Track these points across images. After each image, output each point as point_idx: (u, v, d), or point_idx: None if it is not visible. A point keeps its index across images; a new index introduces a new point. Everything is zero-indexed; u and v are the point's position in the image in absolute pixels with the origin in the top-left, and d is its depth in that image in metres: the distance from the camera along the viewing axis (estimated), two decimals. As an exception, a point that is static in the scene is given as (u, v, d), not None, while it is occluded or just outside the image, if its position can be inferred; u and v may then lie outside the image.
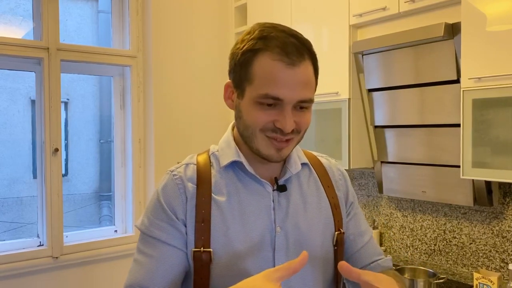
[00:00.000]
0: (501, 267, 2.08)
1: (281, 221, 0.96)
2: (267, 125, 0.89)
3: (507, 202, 2.07)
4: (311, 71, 0.91)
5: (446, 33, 1.90)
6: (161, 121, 2.96)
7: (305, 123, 0.93)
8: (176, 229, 0.94)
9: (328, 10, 2.43)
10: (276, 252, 0.94)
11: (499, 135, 1.75)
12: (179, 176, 0.98)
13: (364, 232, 1.08)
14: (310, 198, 1.01)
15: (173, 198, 0.95)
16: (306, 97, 0.89)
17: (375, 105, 2.33)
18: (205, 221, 0.92)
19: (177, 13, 3.03)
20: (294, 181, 1.00)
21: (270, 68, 0.87)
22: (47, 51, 2.60)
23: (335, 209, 1.02)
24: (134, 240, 2.99)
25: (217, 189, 0.96)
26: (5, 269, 2.48)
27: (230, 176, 0.98)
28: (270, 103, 0.88)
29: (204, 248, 0.91)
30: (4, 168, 5.09)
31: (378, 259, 1.08)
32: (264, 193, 0.97)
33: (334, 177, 1.06)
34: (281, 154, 0.93)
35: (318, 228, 0.99)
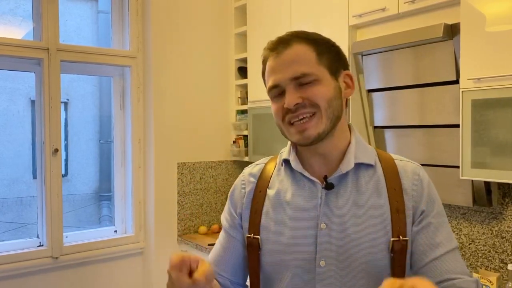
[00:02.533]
0: (500, 267, 2.08)
1: (327, 218, 0.97)
2: (283, 111, 0.97)
3: (506, 203, 2.07)
4: (303, 49, 0.98)
5: (446, 33, 1.90)
6: (161, 121, 2.96)
7: (317, 95, 0.95)
8: (234, 223, 1.09)
9: (328, 11, 2.43)
10: (318, 248, 0.96)
11: (498, 135, 1.75)
12: (244, 174, 1.13)
13: (439, 245, 0.97)
14: (366, 199, 0.98)
15: (236, 195, 1.11)
16: (297, 73, 0.95)
17: (374, 105, 2.33)
18: (257, 212, 1.04)
19: (177, 13, 3.03)
20: (351, 180, 1.00)
21: (269, 65, 1.00)
22: (47, 51, 2.61)
23: (396, 214, 0.97)
24: (134, 240, 3.00)
25: (273, 184, 1.06)
26: (5, 270, 2.49)
27: (286, 173, 1.06)
28: (275, 94, 0.99)
29: (254, 235, 1.03)
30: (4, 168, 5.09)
31: (455, 278, 0.94)
32: (312, 190, 1.00)
33: (407, 181, 1.00)
34: (306, 135, 0.96)
35: (368, 230, 0.96)
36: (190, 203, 3.10)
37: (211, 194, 3.21)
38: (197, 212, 3.15)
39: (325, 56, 0.99)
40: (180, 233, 3.06)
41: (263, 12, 2.89)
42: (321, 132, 0.96)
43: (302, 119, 0.95)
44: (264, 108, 2.82)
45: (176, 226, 3.05)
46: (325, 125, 0.96)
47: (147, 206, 3.01)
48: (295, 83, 0.96)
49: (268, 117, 2.81)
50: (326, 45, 1.02)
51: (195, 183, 3.12)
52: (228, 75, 3.28)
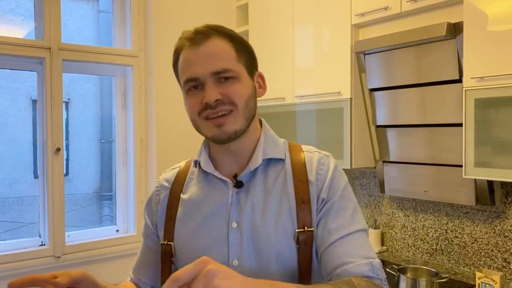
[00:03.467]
0: (503, 266, 2.08)
1: (237, 217, 0.97)
2: (200, 106, 0.95)
3: (509, 202, 2.07)
4: (223, 45, 0.95)
5: (448, 32, 1.89)
6: (163, 120, 2.96)
7: (236, 94, 0.94)
8: (148, 232, 1.10)
9: (330, 10, 2.43)
10: (230, 247, 0.96)
11: (501, 134, 1.75)
12: (159, 180, 1.11)
13: (336, 229, 0.93)
14: (274, 193, 0.98)
15: (152, 202, 1.10)
16: (219, 68, 0.93)
17: (377, 104, 2.33)
18: (172, 218, 1.03)
19: (178, 12, 3.03)
20: (259, 177, 1.00)
21: (185, 56, 0.96)
22: (48, 50, 2.60)
23: (301, 205, 0.96)
24: (136, 240, 2.99)
25: (186, 188, 1.05)
26: (6, 269, 2.48)
27: (199, 175, 1.05)
28: (193, 86, 0.96)
29: (168, 242, 1.03)
30: (5, 167, 5.09)
31: (348, 262, 0.89)
32: (224, 190, 1.00)
33: (311, 171, 0.99)
34: (224, 130, 0.94)
35: (276, 225, 0.95)
36: (191, 202, 3.10)
37: (212, 194, 3.21)
38: (199, 211, 3.14)
39: (243, 54, 0.98)
40: (182, 232, 3.05)
41: (265, 11, 2.89)
42: (238, 129, 0.95)
43: (221, 116, 0.94)
44: (265, 107, 2.82)
45: (178, 226, 3.04)
46: (241, 124, 0.96)
47: (148, 205, 3.01)
48: (215, 78, 0.93)
49: (269, 116, 2.81)
50: (243, 43, 1.00)
51: (196, 183, 3.12)
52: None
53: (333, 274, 0.91)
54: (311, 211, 0.96)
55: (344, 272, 0.88)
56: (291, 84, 2.64)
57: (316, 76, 2.50)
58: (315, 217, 0.97)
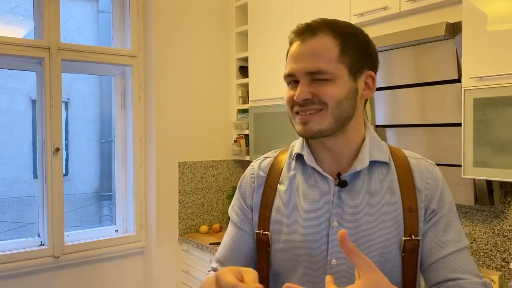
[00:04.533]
0: (502, 266, 2.08)
1: (339, 216, 0.96)
2: (291, 102, 0.97)
3: (508, 202, 2.07)
4: (327, 43, 0.93)
5: (447, 32, 1.89)
6: (162, 120, 2.96)
7: (327, 94, 0.92)
8: (245, 216, 1.06)
9: (329, 10, 2.43)
10: (330, 246, 0.95)
11: (500, 134, 1.75)
12: (254, 167, 1.09)
13: (447, 244, 0.95)
14: (379, 197, 0.97)
15: (246, 187, 1.08)
16: (312, 68, 0.92)
17: (376, 104, 2.33)
18: (268, 207, 1.02)
19: (178, 12, 3.03)
20: (364, 178, 0.98)
21: (290, 50, 0.98)
22: (48, 50, 2.60)
23: (408, 213, 0.95)
24: (135, 240, 3.00)
25: (284, 180, 1.04)
26: (6, 269, 2.49)
27: (298, 168, 1.03)
28: (291, 81, 0.97)
29: (264, 231, 1.01)
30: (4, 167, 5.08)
31: (461, 278, 0.93)
32: (325, 187, 0.99)
33: (420, 179, 0.99)
34: (308, 128, 0.95)
35: (380, 229, 0.94)
36: (191, 202, 3.10)
37: (212, 193, 3.21)
38: (198, 211, 3.14)
39: (349, 53, 0.95)
40: (181, 232, 3.05)
41: (264, 11, 2.89)
42: (323, 129, 0.94)
43: (308, 114, 0.94)
44: (265, 107, 2.82)
45: (177, 225, 3.05)
46: (329, 124, 0.94)
47: (148, 205, 3.01)
48: (309, 77, 0.93)
49: (269, 116, 2.81)
50: (355, 40, 0.96)
51: (196, 182, 3.12)
52: (229, 74, 3.28)
53: (443, 285, 0.94)
54: (418, 220, 0.96)
55: (457, 286, 0.92)
56: (290, 84, 2.64)
57: (315, 76, 2.49)
58: (422, 227, 0.96)
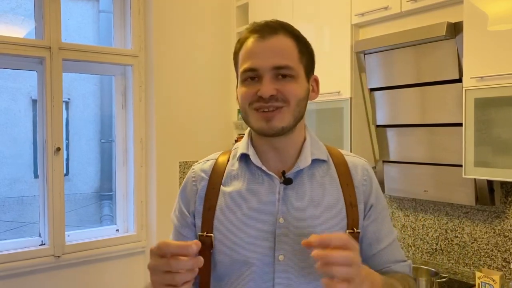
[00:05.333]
0: (503, 266, 2.08)
1: (285, 213, 0.98)
2: (253, 98, 0.96)
3: (509, 202, 2.07)
4: (288, 43, 0.98)
5: (448, 32, 1.90)
6: (163, 120, 2.96)
7: (290, 92, 0.96)
8: (185, 221, 1.06)
9: (330, 10, 2.43)
10: (276, 243, 0.97)
11: (501, 134, 1.75)
12: (195, 170, 1.09)
13: (383, 238, 1.05)
14: (322, 194, 1.01)
15: (187, 192, 1.07)
16: (280, 63, 0.95)
17: (377, 104, 2.33)
18: (211, 209, 1.02)
19: (178, 12, 3.03)
20: (306, 176, 1.02)
21: (249, 46, 0.98)
22: (49, 50, 2.60)
23: (350, 208, 1.01)
24: (136, 239, 3.00)
25: (227, 181, 1.04)
26: (6, 268, 2.48)
27: (242, 168, 1.04)
28: (251, 77, 0.96)
29: (207, 233, 1.01)
30: (5, 167, 5.09)
31: (392, 264, 1.06)
32: (270, 185, 1.00)
33: (357, 176, 1.05)
34: (271, 125, 0.95)
35: (325, 224, 0.98)
36: (191, 202, 3.10)
37: (212, 193, 3.21)
38: (199, 211, 3.14)
39: (305, 55, 1.00)
40: (182, 232, 3.05)
41: (265, 11, 2.89)
42: (285, 126, 0.97)
43: (271, 110, 0.95)
44: (266, 107, 2.82)
45: (178, 225, 3.04)
46: (289, 122, 0.97)
47: (148, 205, 3.01)
48: (274, 73, 0.95)
49: (270, 116, 2.81)
50: (306, 45, 1.02)
51: (196, 182, 3.11)
52: (229, 74, 3.28)
53: (379, 271, 0.99)
54: (358, 214, 1.02)
55: (390, 270, 1.05)
56: (291, 84, 2.64)
57: (316, 76, 2.49)
58: (361, 220, 1.03)
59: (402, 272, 1.05)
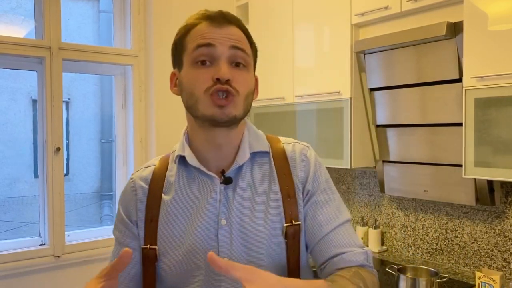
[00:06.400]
0: (503, 266, 2.08)
1: (226, 214, 0.94)
2: (208, 83, 0.89)
3: (509, 202, 2.07)
4: (242, 35, 0.95)
5: (448, 32, 1.89)
6: (163, 120, 2.96)
7: (244, 83, 0.92)
8: (130, 231, 1.00)
9: (330, 9, 2.43)
10: (219, 245, 0.93)
11: (502, 134, 1.75)
12: (134, 179, 1.02)
13: (326, 222, 0.96)
14: (260, 189, 0.96)
15: (128, 201, 1.01)
16: (239, 45, 0.92)
17: (377, 104, 2.33)
18: (153, 220, 0.96)
19: (178, 12, 3.03)
20: (246, 172, 0.97)
21: (199, 30, 0.93)
22: (49, 50, 2.60)
23: (287, 199, 0.96)
24: (136, 240, 2.99)
25: (167, 188, 0.98)
26: (6, 268, 2.48)
27: (181, 171, 0.99)
28: (205, 59, 0.90)
29: (151, 245, 0.95)
30: (5, 167, 5.09)
31: (344, 252, 0.94)
32: (210, 186, 0.96)
33: (294, 164, 0.99)
34: (225, 111, 0.89)
35: (265, 220, 0.94)
36: (191, 202, 3.10)
37: (212, 193, 3.21)
38: (199, 211, 3.14)
39: (253, 50, 0.99)
40: (182, 232, 3.05)
41: (265, 11, 2.89)
42: (237, 115, 0.92)
43: (225, 97, 0.90)
44: (266, 107, 2.82)
45: (178, 225, 3.04)
46: (240, 112, 0.92)
47: (148, 205, 3.01)
48: (230, 59, 0.91)
49: (269, 116, 2.81)
50: (253, 42, 1.00)
51: (196, 182, 3.12)
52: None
53: (329, 262, 0.95)
54: (297, 204, 0.97)
55: (341, 260, 0.93)
56: (291, 84, 2.64)
57: (316, 76, 2.50)
58: (302, 210, 0.97)
59: (356, 263, 0.94)
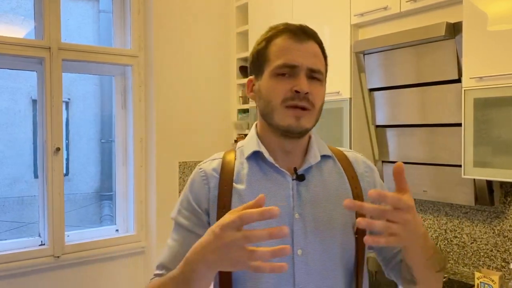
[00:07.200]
0: (502, 266, 2.08)
1: (300, 208, 1.00)
2: (286, 94, 0.97)
3: (508, 202, 2.07)
4: (319, 50, 1.03)
5: (448, 32, 1.90)
6: (163, 120, 2.96)
7: (319, 96, 1.00)
8: (199, 218, 1.03)
9: (330, 10, 2.43)
10: (294, 237, 0.98)
11: (501, 134, 1.75)
12: (203, 169, 1.07)
13: None
14: (332, 187, 1.05)
15: (198, 189, 1.05)
16: (316, 66, 1.00)
17: (376, 104, 2.33)
18: (226, 207, 0.99)
19: (178, 12, 3.03)
20: (316, 171, 1.05)
21: (283, 44, 1.00)
22: (48, 50, 2.61)
23: (357, 198, 1.04)
24: (135, 240, 3.00)
25: (239, 179, 1.04)
26: (6, 268, 2.49)
27: (253, 166, 1.05)
28: (285, 72, 0.98)
29: None
30: (5, 167, 5.09)
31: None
32: (283, 182, 1.02)
33: (359, 169, 1.10)
34: (300, 123, 0.98)
35: (338, 215, 1.02)
36: (191, 202, 3.10)
37: (212, 193, 3.21)
38: (199, 211, 3.14)
39: (326, 67, 1.07)
40: (182, 232, 3.05)
41: (265, 11, 2.89)
42: (309, 128, 1.01)
43: (302, 109, 0.98)
44: (266, 107, 2.82)
45: (178, 225, 3.04)
46: (312, 125, 1.02)
47: (148, 205, 3.01)
48: (308, 74, 0.99)
49: (269, 116, 2.81)
50: (326, 56, 1.08)
51: (196, 182, 3.12)
52: (229, 74, 3.28)
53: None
54: None
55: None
56: (290, 84, 2.64)
57: (315, 76, 2.49)
58: None
59: None
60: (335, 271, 1.00)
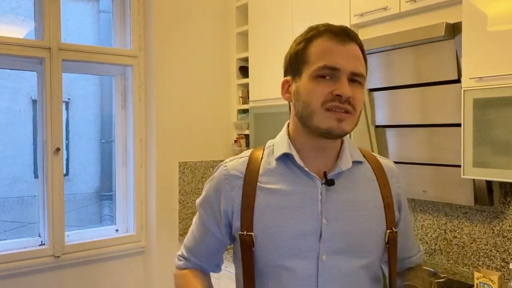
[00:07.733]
0: (501, 266, 2.08)
1: (328, 213, 0.99)
2: (327, 97, 0.94)
3: (508, 202, 2.07)
4: (360, 53, 0.99)
5: (447, 32, 1.90)
6: (162, 120, 2.97)
7: (359, 99, 0.97)
8: (214, 216, 1.07)
9: (329, 10, 2.43)
10: (321, 242, 0.97)
11: (500, 134, 1.75)
12: (227, 168, 1.07)
13: (410, 234, 1.18)
14: (362, 195, 1.03)
15: (219, 188, 1.06)
16: (358, 69, 0.96)
17: (376, 104, 2.33)
18: (249, 207, 1.00)
19: (178, 12, 3.03)
20: (347, 177, 1.03)
21: (325, 45, 0.97)
22: (48, 50, 2.61)
23: (387, 208, 1.03)
24: (135, 240, 3.00)
25: (265, 179, 1.02)
26: (6, 268, 2.49)
27: (281, 167, 1.03)
28: (326, 74, 0.95)
29: (247, 232, 0.99)
30: (5, 167, 5.09)
31: (413, 256, 1.19)
32: (312, 186, 1.00)
33: (392, 178, 1.08)
34: (342, 126, 0.95)
35: (367, 223, 1.01)
36: (191, 202, 3.10)
37: (212, 194, 3.21)
38: (199, 211, 3.14)
39: (366, 70, 1.03)
40: (182, 232, 3.06)
41: (265, 11, 2.89)
42: (349, 131, 0.99)
43: (344, 112, 0.95)
44: (266, 107, 2.82)
45: (178, 226, 3.05)
46: (352, 128, 0.99)
47: (148, 205, 3.01)
48: (349, 78, 0.96)
49: (269, 117, 2.81)
50: (366, 58, 1.04)
51: (196, 183, 3.12)
52: (229, 74, 3.28)
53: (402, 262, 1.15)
54: (394, 214, 1.06)
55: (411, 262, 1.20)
56: (290, 84, 2.64)
57: (315, 76, 2.49)
58: (396, 220, 1.08)
59: (420, 263, 1.21)
60: (360, 279, 0.99)
